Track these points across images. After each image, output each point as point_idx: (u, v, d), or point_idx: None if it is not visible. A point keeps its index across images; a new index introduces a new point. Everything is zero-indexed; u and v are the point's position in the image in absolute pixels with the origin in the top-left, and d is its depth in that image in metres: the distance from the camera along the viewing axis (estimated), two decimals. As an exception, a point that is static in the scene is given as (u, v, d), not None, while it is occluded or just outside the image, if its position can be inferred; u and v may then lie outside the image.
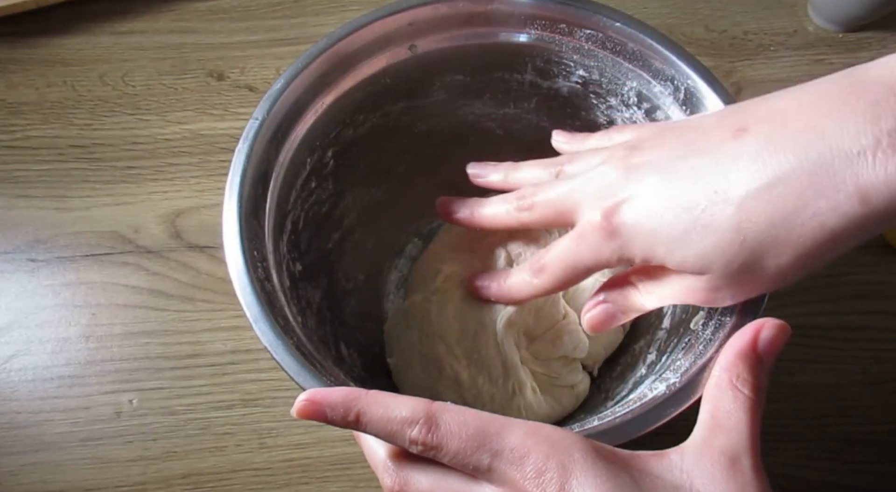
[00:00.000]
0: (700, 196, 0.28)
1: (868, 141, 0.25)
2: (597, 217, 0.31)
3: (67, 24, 0.61)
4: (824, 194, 0.26)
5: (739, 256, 0.28)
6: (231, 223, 0.36)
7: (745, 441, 0.27)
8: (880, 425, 0.46)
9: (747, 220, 0.27)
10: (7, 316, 0.51)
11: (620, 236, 0.31)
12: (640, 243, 0.30)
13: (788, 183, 0.26)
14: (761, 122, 0.28)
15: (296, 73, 0.39)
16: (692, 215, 0.28)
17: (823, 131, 0.26)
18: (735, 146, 0.28)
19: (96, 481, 0.46)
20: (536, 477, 0.26)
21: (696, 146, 0.30)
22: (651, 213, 0.30)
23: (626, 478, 0.26)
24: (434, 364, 0.42)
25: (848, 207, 0.25)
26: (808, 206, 0.26)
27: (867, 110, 0.25)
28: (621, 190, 0.31)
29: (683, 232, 0.29)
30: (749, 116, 0.29)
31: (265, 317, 0.33)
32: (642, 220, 0.30)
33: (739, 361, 0.29)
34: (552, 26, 0.42)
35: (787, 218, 0.26)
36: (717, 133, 0.29)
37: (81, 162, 0.56)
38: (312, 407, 0.28)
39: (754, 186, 0.27)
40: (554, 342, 0.43)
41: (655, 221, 0.30)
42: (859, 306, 0.50)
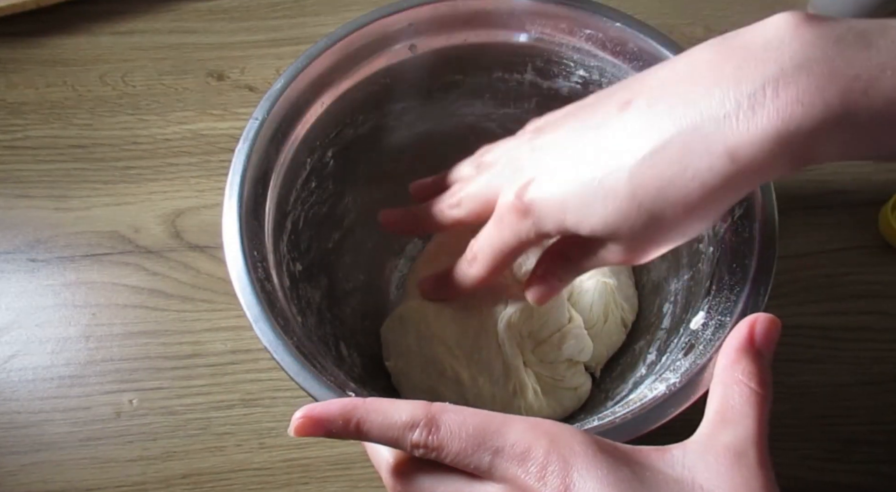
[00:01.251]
0: (596, 169, 0.30)
1: (731, 106, 0.27)
2: (510, 198, 0.33)
3: (67, 24, 0.61)
4: (700, 157, 0.28)
5: (640, 219, 0.30)
6: (231, 223, 0.36)
7: (751, 436, 0.27)
8: (880, 425, 0.46)
9: (640, 186, 0.29)
10: (7, 316, 0.51)
11: (533, 213, 0.32)
12: (551, 217, 0.32)
13: (669, 149, 0.28)
14: (643, 94, 0.31)
15: (296, 73, 0.39)
16: (592, 187, 0.30)
17: (695, 99, 0.28)
18: (621, 119, 0.31)
19: (96, 481, 0.46)
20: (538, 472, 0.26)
21: (590, 122, 0.32)
22: (556, 188, 0.32)
23: (627, 471, 0.26)
24: (434, 366, 0.42)
25: (720, 166, 0.28)
26: (687, 168, 0.28)
27: (731, 75, 0.28)
28: (529, 170, 0.33)
29: (587, 203, 0.31)
30: (634, 90, 0.31)
31: (265, 317, 0.34)
32: (549, 195, 0.32)
33: (741, 355, 0.29)
34: (552, 26, 0.42)
35: (672, 181, 0.29)
36: (606, 108, 0.32)
37: (81, 162, 0.56)
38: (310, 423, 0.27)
39: (640, 155, 0.29)
40: (559, 345, 0.43)
41: (561, 195, 0.31)
42: (859, 306, 0.50)
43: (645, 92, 0.31)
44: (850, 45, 0.27)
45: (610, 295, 0.45)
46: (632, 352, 0.46)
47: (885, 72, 0.26)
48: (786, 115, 0.26)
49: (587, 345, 0.44)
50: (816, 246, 0.51)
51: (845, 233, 0.52)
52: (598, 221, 0.31)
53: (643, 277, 0.48)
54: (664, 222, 0.30)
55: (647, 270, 0.48)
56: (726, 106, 0.27)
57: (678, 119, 0.28)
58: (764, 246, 0.35)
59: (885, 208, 0.51)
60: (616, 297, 0.46)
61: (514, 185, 0.34)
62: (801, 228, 0.52)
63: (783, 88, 0.26)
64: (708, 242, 0.40)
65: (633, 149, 0.29)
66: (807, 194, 0.53)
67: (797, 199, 0.53)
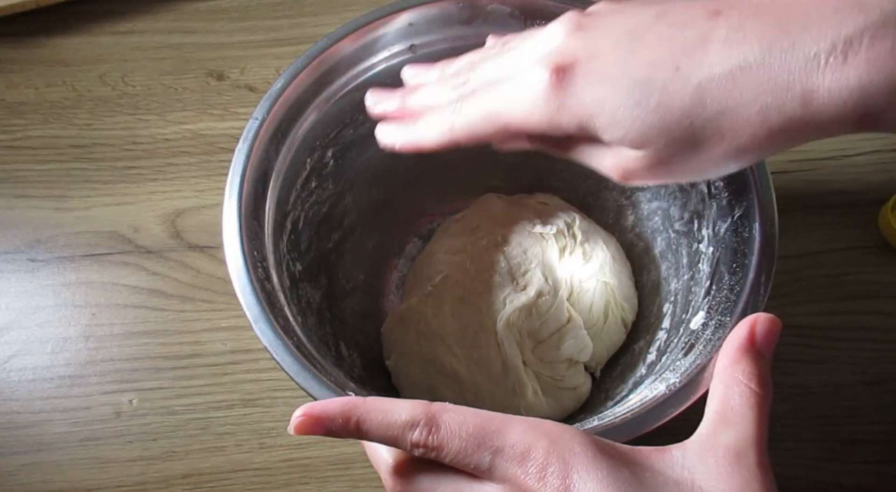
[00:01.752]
0: (661, 71, 0.28)
1: (825, 45, 0.26)
2: (545, 71, 0.29)
3: (67, 24, 0.61)
4: (775, 91, 0.26)
5: (681, 139, 0.28)
6: (231, 223, 0.36)
7: (751, 437, 0.27)
8: (880, 425, 0.46)
9: (701, 104, 0.27)
10: (7, 316, 0.51)
11: (565, 95, 0.29)
12: (585, 108, 0.29)
13: (748, 75, 0.27)
14: (735, 7, 0.28)
15: (296, 73, 0.39)
16: (647, 90, 0.28)
17: (790, 29, 0.26)
18: (707, 26, 0.28)
19: (96, 481, 0.46)
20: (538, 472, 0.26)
21: (668, 16, 0.29)
22: (606, 77, 0.28)
23: (627, 472, 0.26)
24: (433, 364, 0.42)
25: (790, 108, 0.26)
26: (757, 99, 0.27)
27: (832, 14, 0.26)
28: (576, 48, 0.29)
29: (634, 104, 0.28)
30: (725, 2, 0.28)
31: (265, 317, 0.34)
32: (595, 83, 0.29)
33: (742, 356, 0.29)
34: (552, 26, 0.42)
35: (735, 108, 0.27)
36: (692, 11, 0.29)
37: (81, 162, 0.56)
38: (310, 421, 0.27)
39: (717, 71, 0.27)
40: (559, 345, 0.43)
41: (608, 88, 0.28)
42: (859, 306, 0.50)
43: (739, 6, 0.28)
44: None
45: (610, 295, 0.45)
46: (632, 352, 0.46)
47: None
48: (874, 66, 0.25)
49: (587, 345, 0.44)
50: (816, 246, 0.51)
51: (845, 233, 0.52)
52: (635, 128, 0.28)
53: (643, 277, 0.48)
54: (701, 149, 0.28)
55: (647, 270, 0.48)
56: (820, 44, 0.26)
57: (768, 44, 0.26)
58: (764, 246, 0.35)
59: (885, 208, 0.51)
60: (616, 297, 0.46)
61: (551, 58, 0.29)
62: (801, 228, 0.52)
63: (880, 39, 0.25)
64: (708, 242, 0.40)
65: (710, 63, 0.27)
66: (807, 194, 0.53)
67: (797, 199, 0.53)
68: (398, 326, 0.44)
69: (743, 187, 0.37)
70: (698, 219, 0.41)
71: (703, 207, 0.40)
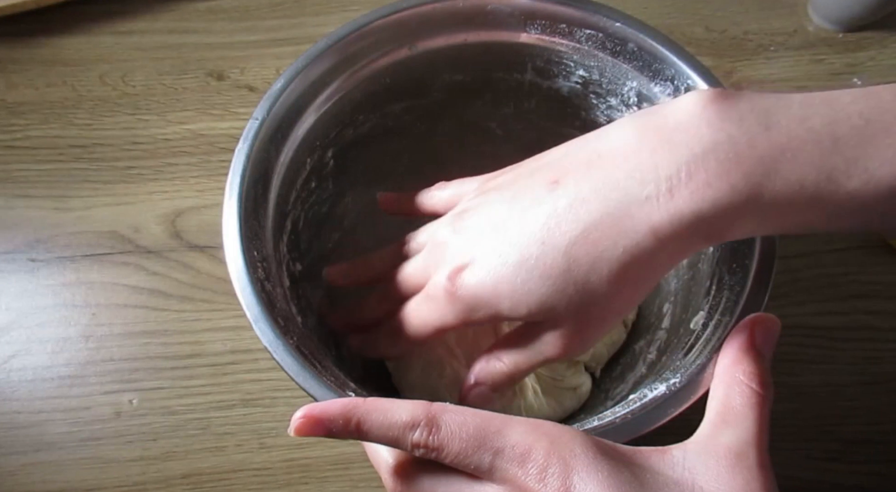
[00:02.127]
0: (532, 249, 0.32)
1: (651, 189, 0.29)
2: (442, 280, 0.34)
3: (67, 24, 0.61)
4: (627, 235, 0.30)
5: (576, 295, 0.31)
6: (231, 223, 0.36)
7: (751, 437, 0.27)
8: (880, 425, 0.46)
9: (574, 262, 0.31)
10: (7, 316, 0.51)
11: (464, 299, 0.33)
12: (485, 302, 0.33)
13: (600, 228, 0.30)
14: (570, 174, 0.32)
15: (296, 73, 0.39)
16: (527, 267, 0.32)
17: (619, 181, 0.30)
18: (551, 199, 0.32)
19: (96, 481, 0.46)
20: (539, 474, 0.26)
21: (520, 204, 0.33)
22: (491, 272, 0.32)
23: (628, 474, 0.26)
24: (434, 365, 0.42)
25: (647, 242, 0.30)
26: (616, 244, 0.30)
27: (648, 159, 0.30)
28: (461, 252, 0.34)
29: (522, 283, 0.32)
30: (561, 169, 0.33)
31: (265, 317, 0.33)
32: (484, 280, 0.33)
33: (742, 356, 0.29)
34: (552, 26, 0.42)
35: (602, 255, 0.31)
36: (534, 188, 0.33)
37: (81, 162, 0.56)
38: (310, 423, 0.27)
39: (574, 235, 0.31)
40: None
41: (495, 279, 0.32)
42: (859, 306, 0.50)
43: (571, 172, 0.32)
44: (751, 123, 0.29)
45: None
46: (632, 352, 0.46)
47: (784, 154, 0.28)
48: (698, 197, 0.29)
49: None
50: (816, 246, 0.51)
51: (845, 233, 0.52)
52: (535, 300, 0.32)
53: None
54: (597, 297, 0.31)
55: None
56: (647, 189, 0.30)
57: (605, 201, 0.30)
58: (764, 246, 0.35)
59: (885, 208, 0.51)
60: None
61: (446, 268, 0.34)
62: (801, 228, 0.52)
63: (695, 173, 0.29)
64: (708, 242, 0.40)
65: (566, 229, 0.31)
66: (807, 194, 0.53)
67: (797, 199, 0.53)
68: None
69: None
70: (698, 219, 0.41)
71: (703, 207, 0.40)
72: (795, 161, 0.28)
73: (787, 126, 0.29)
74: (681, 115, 0.30)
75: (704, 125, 0.29)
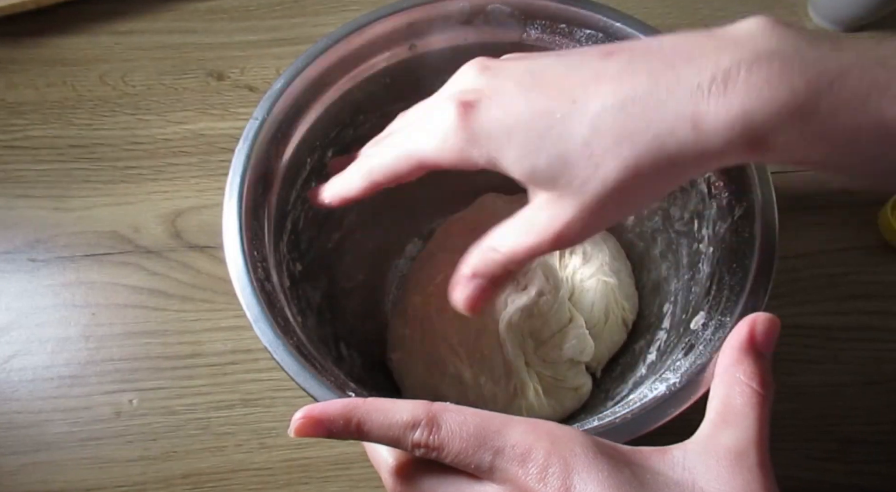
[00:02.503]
0: (560, 103, 0.29)
1: (707, 76, 0.28)
2: (452, 106, 0.31)
3: (67, 24, 0.61)
4: (666, 118, 0.28)
5: (585, 170, 0.29)
6: (231, 223, 0.36)
7: (752, 437, 0.27)
8: (880, 425, 0.46)
9: (597, 133, 0.29)
10: (7, 316, 0.51)
11: (473, 128, 0.30)
12: (493, 141, 0.30)
13: (638, 103, 0.28)
14: (626, 50, 0.30)
15: (296, 73, 0.39)
16: (548, 121, 0.29)
17: (675, 64, 0.29)
18: (600, 65, 0.30)
19: (96, 481, 0.46)
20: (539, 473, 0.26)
21: (565, 58, 0.31)
22: (510, 110, 0.30)
23: (628, 473, 0.26)
24: (437, 363, 0.42)
25: (682, 132, 0.28)
26: (650, 126, 0.28)
27: (712, 52, 0.28)
28: (482, 85, 0.31)
29: (538, 136, 0.30)
30: (619, 46, 0.31)
31: (265, 317, 0.34)
32: (501, 116, 0.30)
33: (742, 356, 0.29)
34: (552, 26, 0.42)
35: (631, 136, 0.28)
36: (587, 53, 0.31)
37: (81, 162, 0.56)
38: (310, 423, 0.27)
39: (610, 102, 0.29)
40: (561, 346, 0.43)
41: (513, 120, 0.30)
42: (859, 306, 0.50)
43: (628, 49, 0.31)
44: (821, 44, 0.28)
45: (610, 294, 0.45)
46: (632, 352, 0.46)
47: (851, 71, 0.27)
48: (754, 93, 0.27)
49: (588, 345, 0.44)
50: (816, 246, 0.51)
51: (845, 233, 0.52)
52: (542, 160, 0.30)
53: (643, 277, 0.48)
54: (608, 181, 0.29)
55: (647, 270, 0.48)
56: (702, 76, 0.28)
57: (655, 77, 0.29)
58: (764, 246, 0.35)
59: (885, 208, 0.51)
60: (616, 296, 0.46)
61: (458, 96, 0.31)
62: (801, 228, 0.52)
63: (756, 70, 0.27)
64: (708, 242, 0.40)
65: (603, 94, 0.29)
66: (807, 194, 0.53)
67: (797, 199, 0.53)
68: (403, 322, 0.44)
69: (744, 187, 0.37)
70: (698, 219, 0.41)
71: (703, 208, 0.40)
72: (861, 78, 0.27)
73: (854, 49, 0.28)
74: (751, 26, 0.29)
75: (774, 36, 0.28)
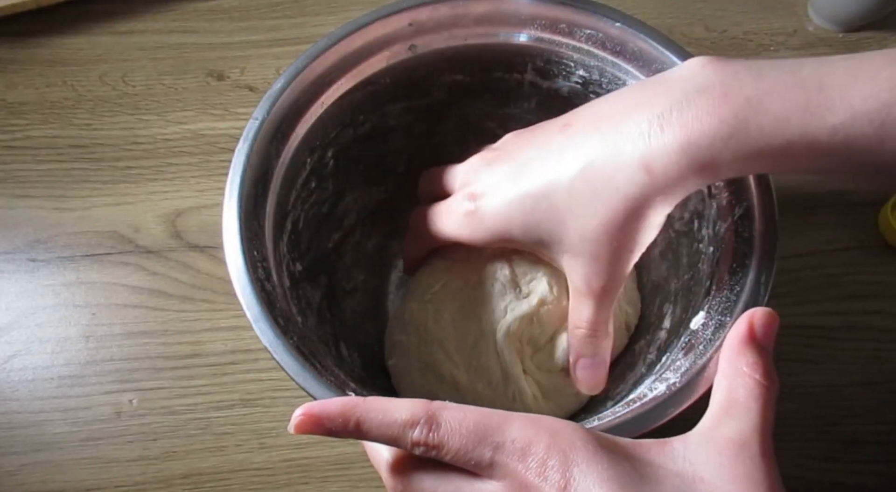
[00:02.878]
0: (540, 182, 0.35)
1: (645, 126, 0.32)
2: (465, 197, 0.38)
3: (67, 24, 0.61)
4: (621, 170, 0.32)
5: (576, 229, 0.35)
6: (231, 223, 0.36)
7: (754, 427, 0.27)
8: (880, 425, 0.46)
9: (574, 199, 0.34)
10: (7, 316, 0.51)
11: (480, 218, 0.37)
12: (499, 225, 0.37)
13: (597, 165, 0.33)
14: (580, 121, 0.36)
15: (296, 73, 0.39)
16: (535, 198, 0.35)
17: (619, 123, 0.33)
18: (561, 138, 0.36)
19: (96, 481, 0.46)
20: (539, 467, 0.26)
21: (535, 141, 0.37)
22: (506, 201, 0.36)
23: (628, 466, 0.26)
24: (433, 370, 0.42)
25: (638, 178, 0.32)
26: (611, 181, 0.33)
27: (647, 102, 0.33)
28: (484, 180, 0.38)
29: (531, 212, 0.36)
30: (575, 116, 0.37)
31: (265, 317, 0.34)
32: (500, 207, 0.37)
33: (744, 348, 0.29)
34: (552, 26, 0.42)
35: (600, 192, 0.33)
36: (550, 130, 0.37)
37: (81, 162, 0.56)
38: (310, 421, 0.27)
39: (575, 171, 0.34)
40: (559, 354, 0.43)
41: (510, 209, 0.36)
42: (859, 306, 0.50)
43: (581, 119, 0.36)
44: (744, 74, 0.32)
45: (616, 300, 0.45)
46: (632, 352, 0.46)
47: (771, 94, 0.30)
48: (687, 129, 0.31)
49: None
50: (816, 246, 0.51)
51: (845, 233, 0.52)
52: (544, 229, 0.36)
53: (643, 277, 0.48)
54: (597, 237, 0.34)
55: (647, 270, 0.48)
56: (641, 126, 0.32)
57: (604, 140, 0.33)
58: (764, 246, 0.35)
59: (885, 208, 0.51)
60: (621, 302, 0.45)
61: (468, 187, 0.39)
62: (801, 228, 0.52)
63: (686, 108, 0.31)
64: (708, 242, 0.40)
65: (567, 164, 0.34)
66: (807, 194, 0.53)
67: (797, 199, 0.53)
68: (401, 328, 0.44)
69: (743, 187, 0.37)
70: (698, 219, 0.41)
71: (702, 207, 0.40)
72: (783, 100, 0.30)
73: (776, 75, 0.31)
74: (684, 71, 0.33)
75: (701, 75, 0.32)
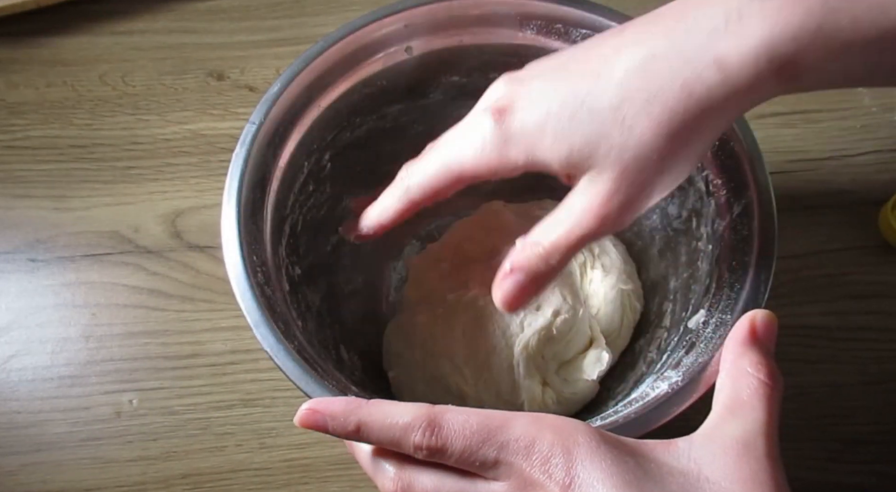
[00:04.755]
0: (585, 82, 0.30)
1: (721, 18, 0.28)
2: (486, 115, 0.31)
3: (67, 24, 0.61)
4: (689, 64, 0.28)
5: (620, 136, 0.29)
6: (230, 228, 0.36)
7: (760, 427, 0.27)
8: (880, 425, 0.46)
9: (627, 98, 0.29)
10: (7, 316, 0.51)
11: (509, 128, 0.31)
12: (529, 136, 0.30)
13: (660, 59, 0.28)
14: (640, 20, 0.31)
15: (292, 77, 0.39)
16: (577, 101, 0.29)
17: (687, 16, 0.29)
18: (617, 39, 0.30)
19: (96, 481, 0.46)
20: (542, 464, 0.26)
21: (584, 45, 0.32)
22: (540, 103, 0.30)
23: (632, 463, 0.26)
24: (439, 382, 0.42)
25: (709, 75, 0.28)
26: (676, 77, 0.28)
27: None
28: (512, 92, 0.32)
29: (569, 118, 0.29)
30: (630, 21, 0.32)
31: (266, 322, 0.34)
32: (534, 112, 0.30)
33: (747, 348, 0.29)
34: (548, 26, 0.42)
35: (659, 91, 0.28)
36: (603, 35, 0.32)
37: (81, 162, 0.56)
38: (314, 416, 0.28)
39: (632, 65, 0.29)
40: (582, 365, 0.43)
41: (544, 112, 0.30)
42: (859, 306, 0.50)
43: (640, 19, 0.31)
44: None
45: (626, 300, 0.45)
46: (632, 350, 0.46)
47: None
48: (770, 21, 0.27)
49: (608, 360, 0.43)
50: (816, 246, 0.51)
51: (845, 233, 0.51)
52: (577, 140, 0.29)
53: (643, 276, 0.48)
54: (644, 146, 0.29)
55: (645, 268, 0.48)
56: (717, 18, 0.28)
57: (672, 32, 0.29)
58: (763, 243, 0.35)
59: (885, 208, 0.51)
60: (632, 300, 0.45)
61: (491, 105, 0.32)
62: (801, 228, 0.52)
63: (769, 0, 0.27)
64: (707, 240, 0.40)
65: (625, 61, 0.29)
66: (807, 194, 0.53)
67: (797, 199, 0.53)
68: (403, 339, 0.44)
69: (741, 185, 0.37)
70: (697, 217, 0.41)
71: (701, 205, 0.40)
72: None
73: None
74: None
75: None
